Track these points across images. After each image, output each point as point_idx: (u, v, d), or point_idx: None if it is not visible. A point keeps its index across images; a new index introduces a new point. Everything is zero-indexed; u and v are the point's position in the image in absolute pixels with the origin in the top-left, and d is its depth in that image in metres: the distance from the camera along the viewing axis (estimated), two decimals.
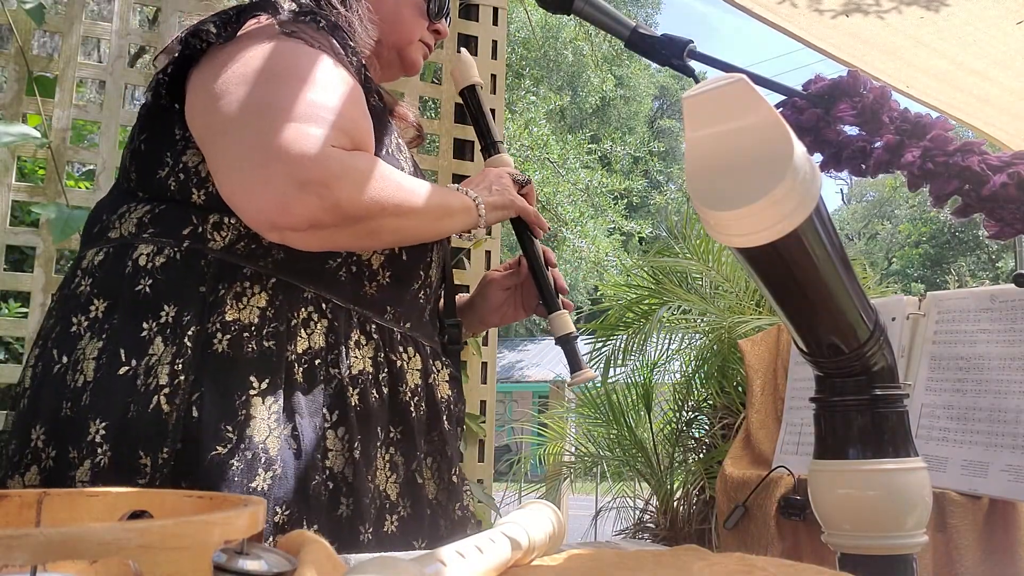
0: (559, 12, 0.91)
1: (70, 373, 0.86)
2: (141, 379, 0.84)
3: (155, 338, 0.85)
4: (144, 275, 0.88)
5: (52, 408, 0.85)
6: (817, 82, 0.74)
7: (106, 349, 0.85)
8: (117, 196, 0.96)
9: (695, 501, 3.14)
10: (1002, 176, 0.64)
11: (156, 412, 0.82)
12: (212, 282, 0.89)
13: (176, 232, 0.90)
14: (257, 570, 0.39)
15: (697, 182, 0.50)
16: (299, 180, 0.82)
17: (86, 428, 0.82)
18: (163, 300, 0.87)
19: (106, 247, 0.91)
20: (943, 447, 1.24)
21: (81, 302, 0.89)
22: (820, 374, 0.61)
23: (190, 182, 0.91)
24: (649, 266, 3.74)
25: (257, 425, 0.84)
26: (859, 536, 0.58)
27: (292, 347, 0.89)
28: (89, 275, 0.91)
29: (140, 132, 0.96)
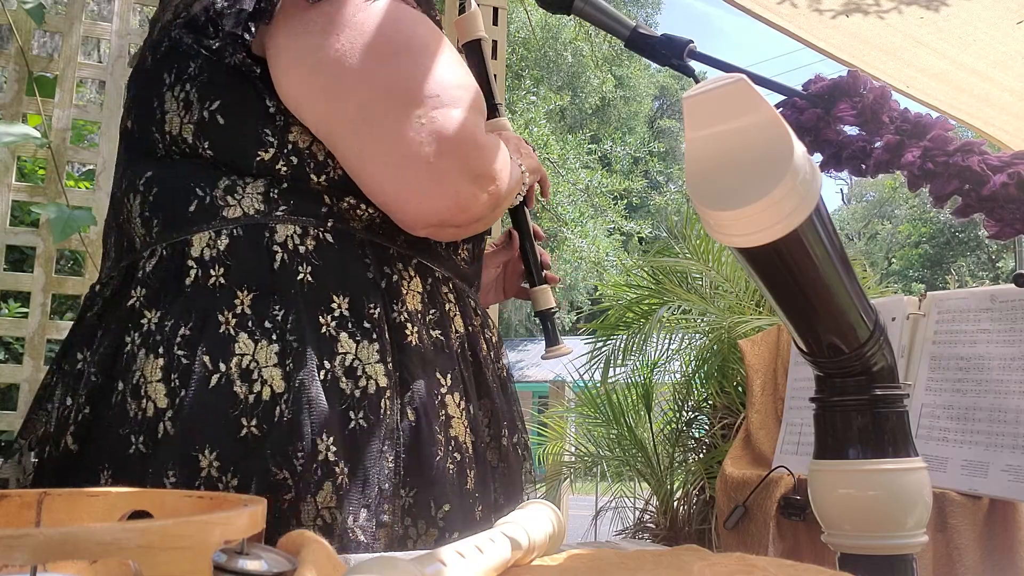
0: (559, 12, 0.91)
1: (241, 384, 0.70)
2: (345, 383, 0.72)
3: (339, 334, 0.74)
4: (299, 261, 0.75)
5: (223, 430, 0.69)
6: (817, 82, 0.74)
7: (286, 350, 0.71)
8: (195, 168, 0.78)
9: (695, 501, 3.14)
10: (1002, 176, 0.64)
11: (384, 420, 0.73)
12: (377, 266, 0.78)
13: (315, 210, 0.77)
14: (257, 570, 0.39)
15: (697, 182, 0.50)
16: (472, 175, 0.76)
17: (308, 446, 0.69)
18: (331, 290, 0.75)
19: (227, 228, 0.75)
20: (943, 447, 1.24)
21: (217, 296, 0.73)
22: (820, 374, 0.61)
23: (306, 167, 0.77)
24: (649, 266, 3.74)
25: (456, 425, 0.79)
26: (859, 536, 0.58)
27: (452, 333, 0.83)
28: (216, 264, 0.74)
29: (205, 99, 0.77)
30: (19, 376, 1.85)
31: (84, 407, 0.74)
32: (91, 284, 0.87)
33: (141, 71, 0.85)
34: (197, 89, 0.77)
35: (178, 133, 0.78)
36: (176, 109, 0.78)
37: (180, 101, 0.78)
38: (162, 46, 0.81)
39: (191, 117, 0.77)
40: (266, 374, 0.70)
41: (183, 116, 0.78)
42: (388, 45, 0.75)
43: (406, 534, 0.74)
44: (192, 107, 0.77)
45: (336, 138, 0.76)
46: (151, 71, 0.82)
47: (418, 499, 0.74)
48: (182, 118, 0.78)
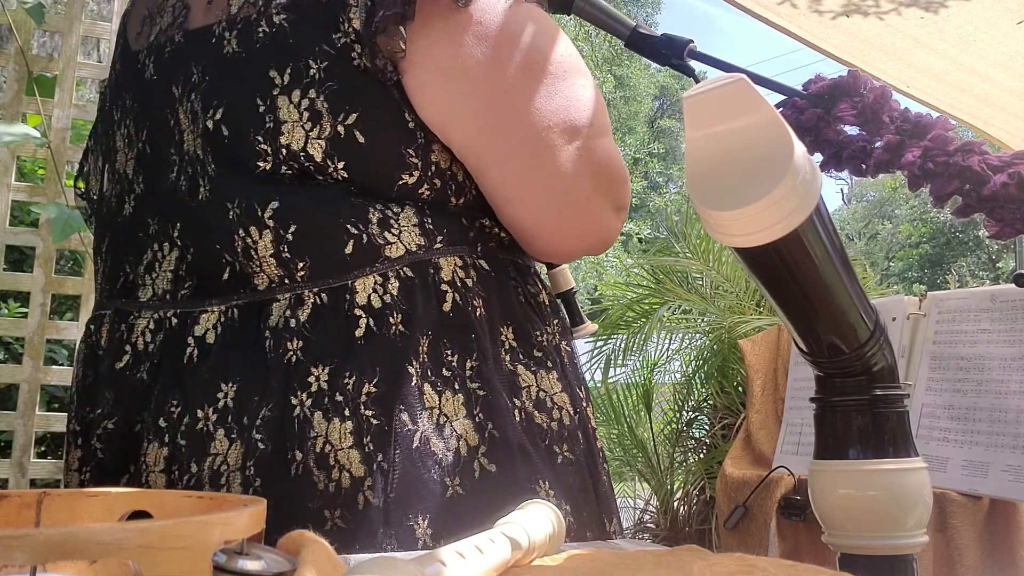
0: (559, 12, 0.91)
1: (438, 440, 0.64)
2: (540, 418, 0.68)
3: (516, 367, 0.69)
4: (472, 295, 0.69)
5: (432, 487, 0.63)
6: (817, 82, 0.74)
7: (471, 399, 0.66)
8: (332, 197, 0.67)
9: (695, 501, 3.14)
10: (1002, 176, 0.64)
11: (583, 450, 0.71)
12: (523, 287, 0.74)
13: (464, 236, 0.71)
14: (257, 570, 0.39)
15: (697, 182, 0.50)
16: (619, 206, 0.74)
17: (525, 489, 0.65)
18: (500, 322, 0.70)
19: (394, 270, 0.67)
20: (943, 447, 1.24)
21: (400, 346, 0.65)
22: (820, 374, 0.61)
23: (448, 190, 0.71)
24: (649, 266, 3.74)
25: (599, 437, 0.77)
26: (859, 536, 0.57)
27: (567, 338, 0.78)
28: (392, 311, 0.66)
29: (339, 111, 0.65)
30: (19, 376, 1.85)
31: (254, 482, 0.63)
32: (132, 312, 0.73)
33: (220, 57, 0.69)
34: (327, 98, 0.66)
35: (301, 148, 0.66)
36: (298, 120, 0.66)
37: (304, 111, 0.66)
38: (259, 31, 0.68)
39: (321, 132, 0.66)
40: (459, 427, 0.65)
41: (309, 130, 0.66)
42: (544, 63, 0.68)
43: None
44: (322, 119, 0.66)
45: (486, 165, 0.70)
46: (246, 61, 0.68)
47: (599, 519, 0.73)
48: (308, 131, 0.66)
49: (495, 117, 0.68)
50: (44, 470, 1.88)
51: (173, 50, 0.74)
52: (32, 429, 1.85)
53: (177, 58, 0.73)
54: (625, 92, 20.55)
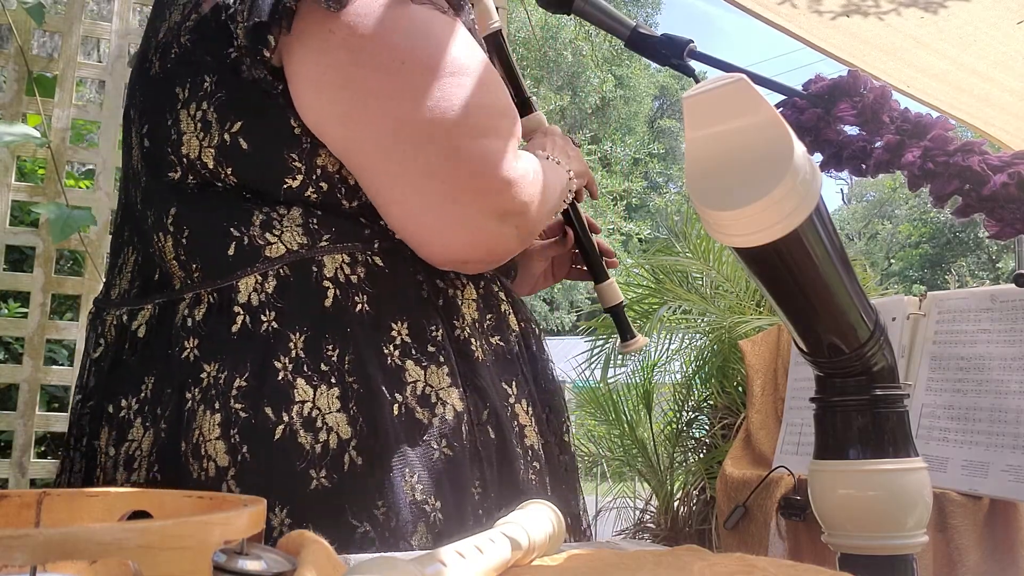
0: (559, 12, 0.91)
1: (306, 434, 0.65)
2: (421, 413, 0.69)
3: (405, 362, 0.70)
4: (353, 292, 0.70)
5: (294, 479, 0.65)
6: (817, 82, 0.74)
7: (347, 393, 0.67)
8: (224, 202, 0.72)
9: (695, 501, 3.14)
10: (1002, 176, 0.64)
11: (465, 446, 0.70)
12: (430, 282, 0.74)
13: (359, 233, 0.72)
14: (257, 570, 0.39)
15: (697, 182, 0.50)
16: (500, 212, 0.71)
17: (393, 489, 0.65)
18: (390, 317, 0.71)
19: (272, 269, 0.70)
20: (943, 447, 1.24)
21: (271, 342, 0.68)
22: (820, 374, 0.61)
23: (337, 192, 0.72)
24: (649, 266, 3.74)
25: (529, 435, 0.77)
26: (859, 536, 0.58)
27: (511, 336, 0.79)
28: (267, 309, 0.69)
29: (225, 120, 0.70)
30: (19, 376, 1.85)
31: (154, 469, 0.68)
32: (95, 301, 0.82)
33: (149, 78, 0.77)
34: (216, 108, 0.70)
35: (197, 157, 0.71)
36: (194, 131, 0.71)
37: (198, 122, 0.71)
38: (171, 53, 0.74)
39: (211, 140, 0.71)
40: (331, 420, 0.66)
41: (202, 139, 0.71)
42: (416, 65, 0.68)
43: None
44: (211, 129, 0.71)
45: (356, 168, 0.71)
46: (162, 82, 0.75)
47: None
48: (201, 141, 0.71)
49: (354, 122, 0.69)
50: (44, 470, 1.88)
51: (132, 77, 0.84)
52: (32, 429, 1.85)
53: (131, 83, 0.83)
54: (625, 92, 20.54)
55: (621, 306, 1.09)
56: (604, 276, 1.10)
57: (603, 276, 1.10)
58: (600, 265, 1.10)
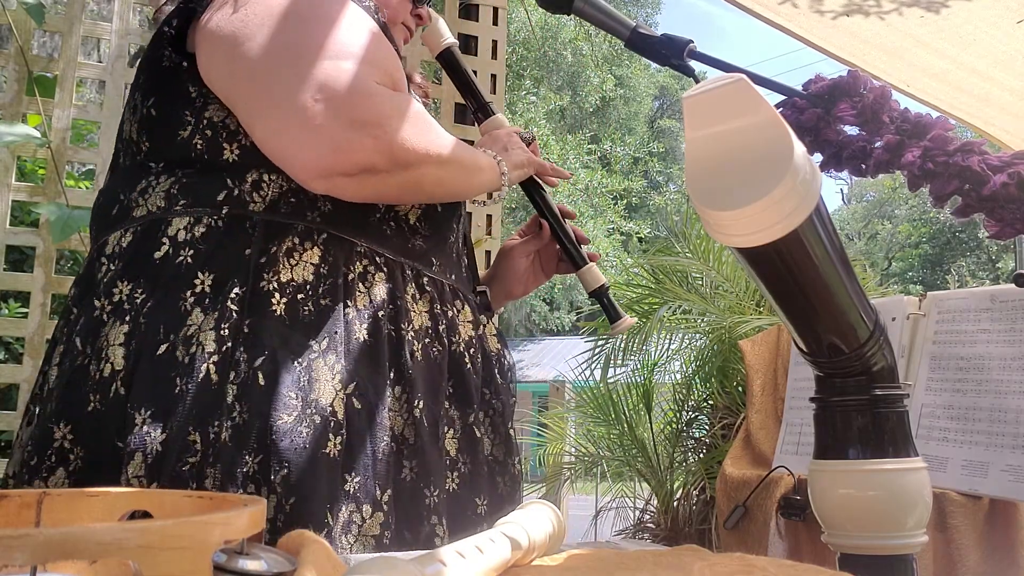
0: (559, 12, 0.91)
1: (94, 363, 0.78)
2: (181, 351, 0.77)
3: (193, 309, 0.78)
4: (185, 247, 0.81)
5: (77, 404, 0.77)
6: (817, 82, 0.74)
7: (136, 332, 0.78)
8: (129, 172, 0.88)
9: (695, 501, 3.14)
10: (1002, 176, 0.64)
11: (206, 383, 0.76)
12: (260, 243, 0.82)
13: (211, 199, 0.83)
14: (257, 570, 0.39)
15: (697, 182, 0.50)
16: (352, 119, 0.78)
17: (130, 419, 0.75)
18: (199, 269, 0.80)
19: (132, 227, 0.84)
20: (943, 447, 1.24)
21: (104, 287, 0.82)
22: (820, 374, 0.61)
23: (219, 137, 0.84)
24: (649, 266, 3.74)
25: (322, 388, 0.79)
26: (859, 536, 0.58)
27: (352, 302, 0.84)
28: (116, 259, 0.83)
29: (146, 97, 0.88)
30: (19, 376, 1.85)
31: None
32: None
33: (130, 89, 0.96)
34: (141, 93, 0.88)
35: (129, 135, 0.89)
36: (129, 116, 0.90)
37: (131, 108, 0.90)
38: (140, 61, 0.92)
39: (135, 117, 0.88)
40: (111, 353, 0.77)
41: (132, 119, 0.89)
42: (287, 15, 0.81)
43: None
44: (137, 109, 0.88)
45: (234, 100, 0.82)
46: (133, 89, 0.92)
47: (261, 465, 0.75)
48: (131, 121, 0.89)
49: (229, 59, 0.81)
50: None
51: None
52: None
53: None
54: (625, 92, 20.52)
55: (604, 288, 1.10)
56: (583, 261, 1.11)
57: (582, 261, 1.10)
58: (577, 250, 1.11)
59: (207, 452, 0.74)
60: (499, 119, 1.10)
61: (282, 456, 0.75)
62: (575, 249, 1.11)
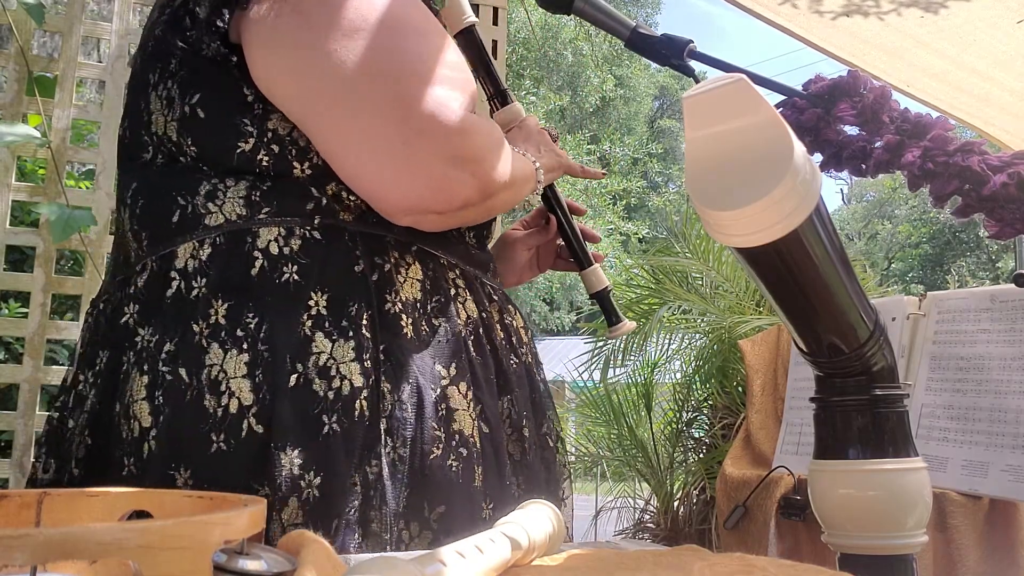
0: (559, 12, 0.91)
1: (211, 398, 0.67)
2: (320, 384, 0.69)
3: (314, 333, 0.70)
4: (285, 262, 0.72)
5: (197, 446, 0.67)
6: (817, 82, 0.74)
7: (259, 361, 0.69)
8: (176, 173, 0.76)
9: (695, 501, 3.14)
10: (1002, 176, 0.64)
11: (360, 420, 0.69)
12: (367, 258, 0.75)
13: (299, 208, 0.74)
14: (257, 570, 0.39)
15: (697, 182, 0.50)
16: (454, 157, 0.72)
17: (274, 460, 0.66)
18: (311, 288, 0.72)
19: (209, 237, 0.73)
20: (943, 447, 1.24)
21: (199, 310, 0.70)
22: (820, 374, 0.61)
23: (287, 155, 0.74)
24: (649, 266, 3.74)
25: (461, 418, 0.75)
26: (859, 536, 0.57)
27: (459, 320, 0.79)
28: (198, 275, 0.72)
29: (186, 92, 0.75)
30: (19, 376, 1.85)
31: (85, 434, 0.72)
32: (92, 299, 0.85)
33: (133, 75, 0.84)
34: (178, 84, 0.76)
35: (163, 132, 0.77)
36: (160, 108, 0.77)
37: (163, 99, 0.77)
38: (148, 46, 0.80)
39: (173, 114, 0.76)
40: (234, 386, 0.68)
41: (166, 114, 0.76)
42: (363, 21, 0.71)
43: (399, 538, 0.70)
44: (174, 103, 0.76)
45: (308, 121, 0.73)
46: (139, 73, 0.81)
47: (410, 501, 0.71)
48: (166, 116, 0.76)
49: (306, 76, 0.72)
50: None
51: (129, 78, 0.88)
52: (32, 429, 1.85)
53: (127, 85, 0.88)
54: (625, 92, 20.52)
55: (607, 291, 1.07)
56: (588, 262, 1.08)
57: (587, 262, 1.08)
58: (584, 251, 1.09)
59: (368, 494, 0.69)
60: (517, 108, 1.04)
61: (437, 492, 0.71)
62: (582, 250, 1.09)
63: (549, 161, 0.96)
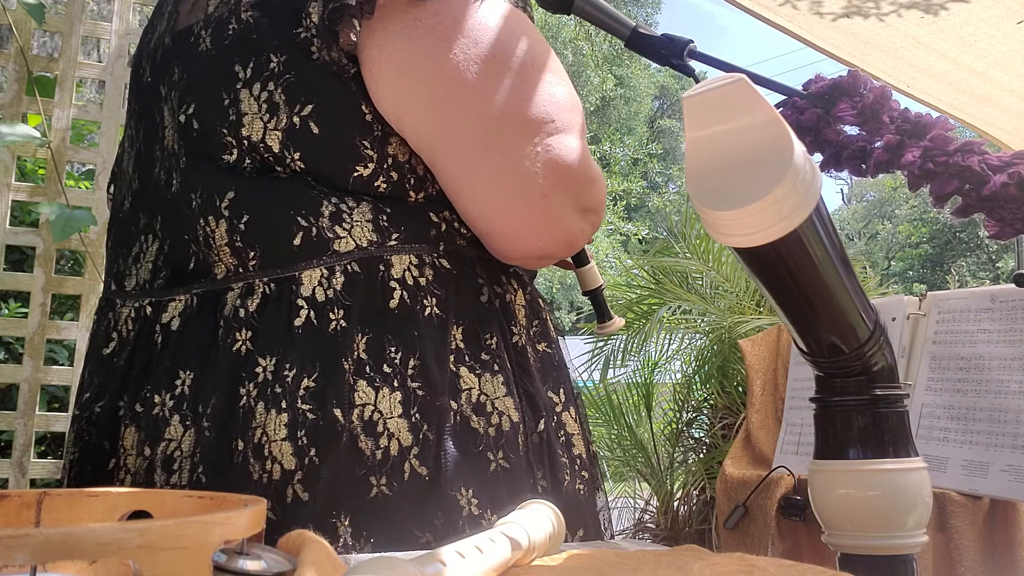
0: (559, 12, 0.91)
1: (366, 439, 0.63)
2: (478, 422, 0.67)
3: (459, 367, 0.68)
4: (424, 294, 0.68)
5: (356, 490, 0.63)
6: (817, 82, 0.74)
7: (412, 399, 0.65)
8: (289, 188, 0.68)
9: (695, 501, 3.14)
10: (1002, 176, 0.64)
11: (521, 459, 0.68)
12: (490, 287, 0.73)
13: (425, 234, 0.70)
14: (257, 570, 0.39)
15: (697, 182, 0.50)
16: (584, 208, 0.71)
17: (451, 501, 0.63)
18: (449, 322, 0.69)
19: (340, 264, 0.67)
20: (943, 447, 1.24)
21: (340, 341, 0.65)
22: (820, 374, 0.61)
23: (405, 183, 0.70)
24: (649, 266, 3.74)
25: (577, 443, 0.75)
26: (859, 536, 0.57)
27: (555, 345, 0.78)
28: (334, 306, 0.66)
29: (295, 102, 0.67)
30: (19, 376, 1.85)
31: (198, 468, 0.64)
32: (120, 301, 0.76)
33: (196, 55, 0.72)
34: (284, 90, 0.67)
35: (260, 139, 0.68)
36: (258, 112, 0.68)
37: (263, 103, 0.68)
38: (228, 28, 0.70)
39: (278, 123, 0.68)
40: (392, 426, 0.64)
41: (267, 121, 0.68)
42: (505, 58, 0.67)
43: None
44: (279, 111, 0.68)
45: (440, 157, 0.69)
46: (215, 58, 0.70)
47: None
48: (266, 123, 0.68)
49: (446, 109, 0.67)
50: (44, 470, 1.88)
51: (163, 52, 0.77)
52: (32, 429, 1.85)
53: (165, 59, 0.76)
54: (625, 92, 20.52)
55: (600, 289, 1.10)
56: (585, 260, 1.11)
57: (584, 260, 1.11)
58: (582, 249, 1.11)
59: None
60: None
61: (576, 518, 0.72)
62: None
63: None
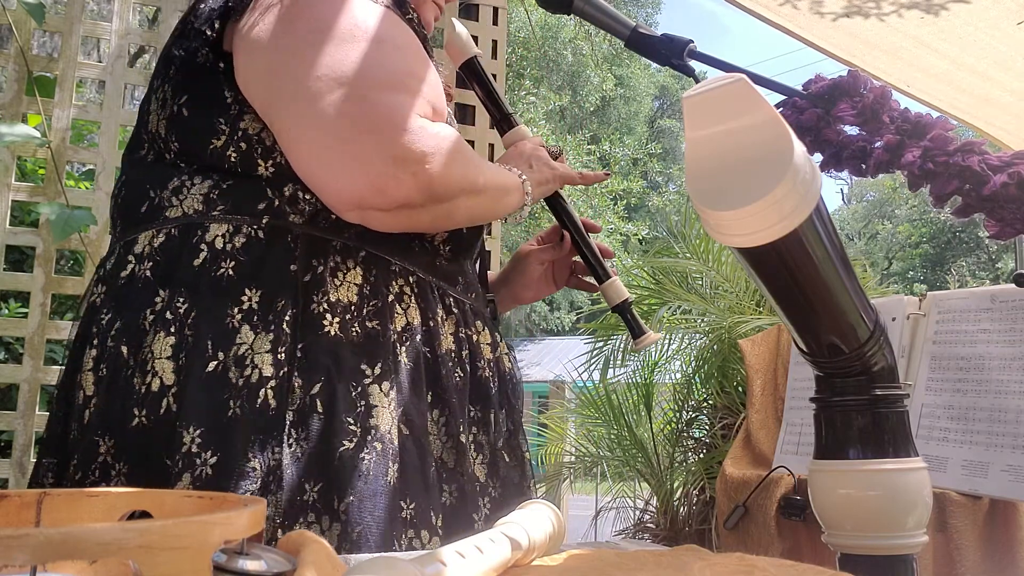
0: (559, 12, 0.91)
1: (139, 376, 0.75)
2: (234, 372, 0.75)
3: (241, 326, 0.76)
4: (224, 257, 0.78)
5: (120, 418, 0.75)
6: (817, 82, 0.74)
7: (183, 345, 0.76)
8: (157, 168, 0.85)
9: (695, 501, 3.14)
10: (1002, 176, 0.64)
11: (264, 408, 0.74)
12: (304, 259, 0.80)
13: (251, 208, 0.80)
14: (257, 570, 0.39)
15: (697, 182, 0.50)
16: (395, 156, 0.76)
17: (177, 438, 0.72)
18: (246, 284, 0.78)
19: (166, 228, 0.81)
20: (943, 447, 1.24)
21: (144, 293, 0.79)
22: (820, 374, 0.61)
23: (254, 152, 0.81)
24: (649, 266, 3.74)
25: (380, 414, 0.77)
26: (859, 536, 0.58)
27: (392, 325, 0.82)
28: (147, 260, 0.80)
29: (177, 93, 0.83)
30: (19, 376, 1.85)
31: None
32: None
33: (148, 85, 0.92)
34: (171, 87, 0.84)
35: (155, 130, 0.85)
36: (156, 108, 0.86)
37: (159, 100, 0.85)
38: (161, 57, 0.89)
39: (165, 113, 0.84)
40: (159, 366, 0.75)
41: (159, 113, 0.85)
42: (335, 33, 0.77)
43: (309, 528, 0.72)
44: (167, 103, 0.84)
45: (272, 117, 0.79)
46: (151, 81, 0.89)
47: (322, 493, 0.74)
48: (159, 115, 0.85)
49: (273, 73, 0.79)
50: None
51: None
52: (32, 429, 1.85)
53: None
54: (625, 92, 20.51)
55: (628, 303, 1.08)
56: (606, 276, 1.09)
57: (604, 276, 1.09)
58: (601, 265, 1.10)
59: (268, 479, 0.72)
60: (522, 130, 1.08)
61: (347, 484, 0.73)
62: (599, 264, 1.10)
63: (540, 175, 0.98)
